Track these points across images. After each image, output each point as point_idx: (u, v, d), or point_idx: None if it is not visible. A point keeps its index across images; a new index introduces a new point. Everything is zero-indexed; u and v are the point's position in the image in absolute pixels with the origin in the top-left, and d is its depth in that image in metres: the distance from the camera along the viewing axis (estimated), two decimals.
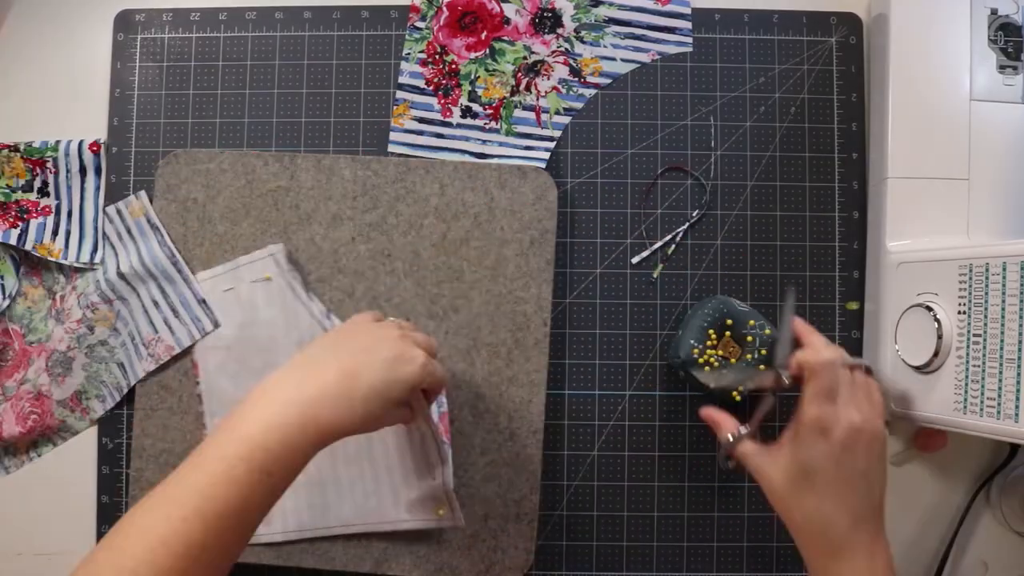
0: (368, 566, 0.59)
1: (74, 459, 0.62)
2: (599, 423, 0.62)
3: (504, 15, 0.63)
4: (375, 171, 0.61)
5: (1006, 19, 0.58)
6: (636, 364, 0.62)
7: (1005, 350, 0.46)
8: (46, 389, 0.61)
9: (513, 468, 0.59)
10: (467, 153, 0.63)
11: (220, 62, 0.64)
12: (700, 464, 0.62)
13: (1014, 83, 0.58)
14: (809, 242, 0.63)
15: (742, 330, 0.58)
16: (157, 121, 0.63)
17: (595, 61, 0.63)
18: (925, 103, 0.58)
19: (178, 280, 0.60)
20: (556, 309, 0.62)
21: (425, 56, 0.63)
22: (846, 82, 0.63)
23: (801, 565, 0.61)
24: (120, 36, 0.64)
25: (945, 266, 0.52)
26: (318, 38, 0.64)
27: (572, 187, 0.63)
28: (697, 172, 0.63)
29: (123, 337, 0.61)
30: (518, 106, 0.63)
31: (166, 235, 0.61)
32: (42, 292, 0.63)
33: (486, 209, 0.61)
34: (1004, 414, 0.46)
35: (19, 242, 0.61)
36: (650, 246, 0.63)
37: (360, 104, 0.63)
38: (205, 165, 0.61)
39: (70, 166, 0.62)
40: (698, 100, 0.63)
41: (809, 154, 0.63)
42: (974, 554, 0.61)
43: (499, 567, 0.59)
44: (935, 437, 0.60)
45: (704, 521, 0.61)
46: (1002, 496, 0.60)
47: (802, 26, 0.64)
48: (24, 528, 0.62)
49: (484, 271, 0.60)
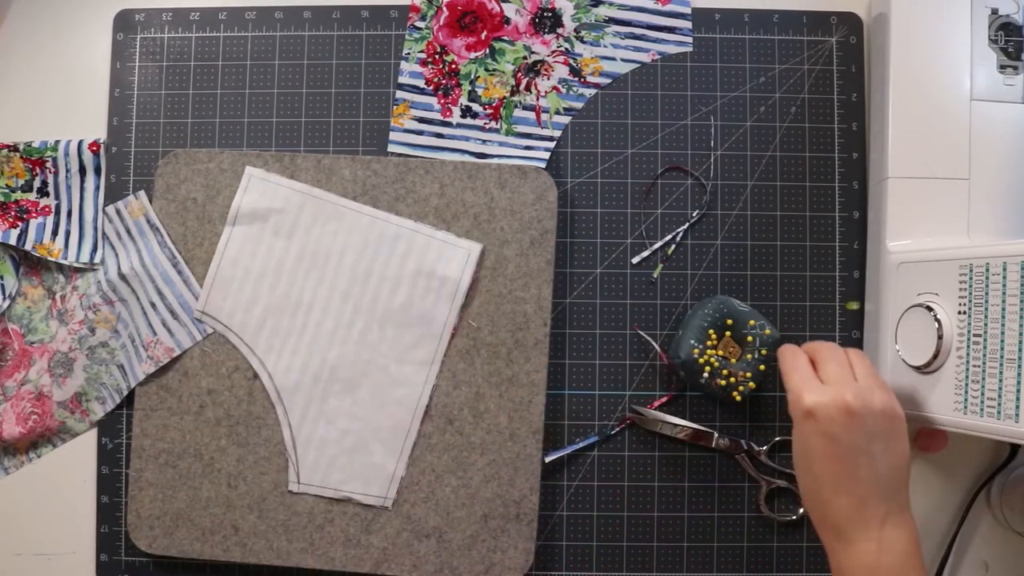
0: (368, 566, 0.59)
1: (74, 459, 0.62)
2: (599, 423, 0.62)
3: (504, 15, 0.63)
4: (375, 171, 0.61)
5: (1006, 19, 0.58)
6: (636, 364, 0.62)
7: (1005, 350, 0.46)
8: (47, 390, 0.61)
9: (513, 468, 0.59)
10: (467, 153, 0.63)
11: (220, 62, 0.64)
12: (700, 464, 0.62)
13: (1014, 83, 0.58)
14: (809, 242, 0.63)
15: (742, 330, 0.58)
16: (157, 121, 0.63)
17: (595, 61, 0.63)
18: (925, 103, 0.58)
19: (177, 282, 0.60)
20: (556, 309, 0.62)
21: (425, 56, 0.63)
22: (846, 82, 0.63)
23: (801, 565, 0.62)
24: (120, 36, 0.64)
25: (945, 266, 0.51)
26: (318, 38, 0.64)
27: (572, 187, 0.63)
28: (697, 172, 0.63)
29: (123, 339, 0.61)
30: (518, 106, 0.63)
31: (166, 235, 0.61)
32: (42, 292, 0.63)
33: (486, 209, 0.61)
34: (1004, 414, 0.46)
35: (19, 242, 0.61)
36: (650, 246, 0.63)
37: (360, 104, 0.63)
38: (205, 165, 0.61)
39: (70, 166, 0.62)
40: (698, 100, 0.63)
41: (809, 154, 0.63)
42: (974, 554, 0.61)
43: (499, 567, 0.59)
44: (935, 437, 0.60)
45: (704, 521, 0.61)
46: (1002, 496, 0.60)
47: (802, 26, 0.64)
48: (24, 528, 0.62)
49: (484, 271, 0.60)
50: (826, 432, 0.44)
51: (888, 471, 0.44)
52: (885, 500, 0.44)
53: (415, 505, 0.60)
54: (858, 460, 0.44)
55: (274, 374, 0.60)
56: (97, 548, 0.61)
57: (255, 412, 0.60)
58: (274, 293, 0.60)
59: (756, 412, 0.62)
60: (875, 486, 0.44)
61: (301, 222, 0.60)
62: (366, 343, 0.60)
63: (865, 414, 0.44)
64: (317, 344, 0.60)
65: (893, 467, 0.45)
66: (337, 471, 0.59)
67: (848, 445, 0.44)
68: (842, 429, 0.43)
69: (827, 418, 0.44)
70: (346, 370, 0.60)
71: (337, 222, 0.60)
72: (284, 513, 0.60)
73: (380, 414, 0.60)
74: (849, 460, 0.44)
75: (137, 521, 0.60)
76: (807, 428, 0.44)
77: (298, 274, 0.60)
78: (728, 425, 0.62)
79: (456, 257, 0.60)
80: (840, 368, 0.46)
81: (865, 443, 0.44)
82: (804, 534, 0.61)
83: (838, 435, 0.44)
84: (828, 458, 0.44)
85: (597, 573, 0.61)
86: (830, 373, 0.46)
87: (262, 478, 0.60)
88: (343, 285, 0.60)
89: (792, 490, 0.61)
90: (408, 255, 0.60)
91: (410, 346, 0.60)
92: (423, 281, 0.60)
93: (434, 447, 0.60)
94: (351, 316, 0.60)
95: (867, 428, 0.44)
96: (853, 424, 0.44)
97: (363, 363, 0.60)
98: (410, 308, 0.60)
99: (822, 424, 0.44)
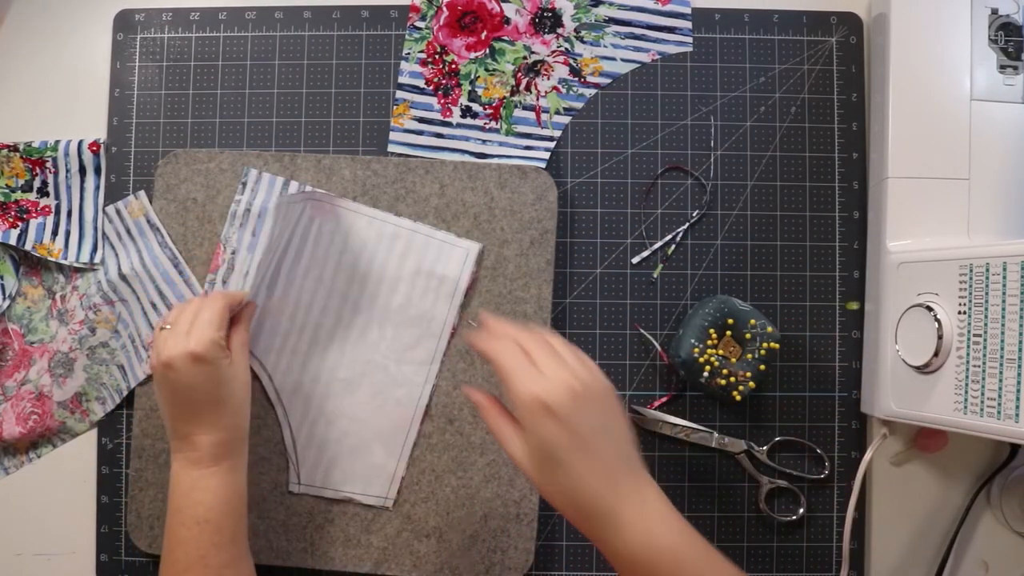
0: (368, 566, 0.59)
1: (74, 459, 0.62)
2: None
3: (504, 15, 0.63)
4: (375, 171, 0.61)
5: (1006, 19, 0.58)
6: (636, 364, 0.62)
7: (1005, 350, 0.46)
8: (47, 390, 0.61)
9: (513, 468, 0.59)
10: (467, 153, 0.63)
11: (220, 62, 0.64)
12: (700, 464, 0.62)
13: (1014, 83, 0.58)
14: (809, 242, 0.63)
15: (743, 329, 0.58)
16: (157, 121, 0.63)
17: (595, 61, 0.63)
18: (925, 103, 0.58)
19: (178, 282, 0.60)
20: (556, 309, 0.62)
21: (425, 56, 0.63)
22: (846, 82, 0.63)
23: (801, 565, 0.61)
24: (120, 36, 0.64)
25: (945, 266, 0.51)
26: (318, 38, 0.64)
27: (572, 187, 0.63)
28: (697, 172, 0.63)
29: (123, 339, 0.61)
30: (518, 106, 0.63)
31: (166, 236, 0.61)
32: (42, 292, 0.62)
33: (486, 209, 0.61)
34: (1004, 414, 0.46)
35: (19, 242, 0.61)
36: (650, 246, 0.63)
37: (360, 104, 0.63)
38: (205, 165, 0.61)
39: (70, 166, 0.62)
40: (698, 100, 0.63)
41: (809, 154, 0.63)
42: (974, 554, 0.61)
43: (499, 567, 0.59)
44: (935, 437, 0.60)
45: (704, 521, 0.61)
46: (1002, 496, 0.60)
47: (802, 26, 0.64)
48: (24, 528, 0.62)
49: (484, 271, 0.60)
50: (566, 424, 0.42)
51: (621, 442, 0.44)
52: (631, 469, 0.44)
53: (415, 505, 0.60)
54: (599, 441, 0.43)
55: (273, 375, 0.60)
56: (97, 548, 0.61)
57: (255, 412, 0.60)
58: (273, 293, 0.60)
59: (756, 412, 0.62)
60: (619, 460, 0.43)
61: (300, 222, 0.60)
62: (365, 343, 0.60)
63: (588, 394, 0.43)
64: (316, 344, 0.60)
65: (623, 437, 0.44)
66: (338, 472, 0.59)
67: (588, 430, 0.42)
68: (578, 415, 0.42)
69: (563, 409, 0.42)
70: (345, 370, 0.60)
71: (336, 222, 0.60)
72: (284, 513, 0.60)
73: (380, 414, 0.60)
74: (592, 445, 0.42)
75: (137, 521, 0.60)
76: (548, 425, 0.42)
77: (297, 274, 0.60)
78: (728, 425, 0.62)
79: (455, 256, 0.60)
80: (551, 355, 0.44)
81: (599, 422, 0.43)
82: (804, 534, 0.61)
83: (577, 423, 0.42)
84: (575, 449, 0.42)
85: (597, 573, 0.61)
86: (545, 362, 0.43)
87: (261, 478, 0.60)
88: (342, 285, 0.60)
89: (793, 490, 0.61)
90: (407, 255, 0.60)
91: (409, 346, 0.60)
92: (422, 281, 0.60)
93: (434, 447, 0.60)
94: (350, 316, 0.60)
95: (594, 407, 0.43)
96: (583, 407, 0.42)
97: (362, 363, 0.60)
98: (409, 308, 0.60)
99: (560, 416, 0.42)
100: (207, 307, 0.52)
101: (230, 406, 0.52)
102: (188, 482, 0.50)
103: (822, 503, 0.61)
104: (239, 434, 0.53)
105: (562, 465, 0.42)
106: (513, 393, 0.43)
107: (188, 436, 0.51)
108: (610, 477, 0.43)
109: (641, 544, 0.42)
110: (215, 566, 0.49)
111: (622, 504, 0.42)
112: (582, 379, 0.43)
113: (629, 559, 0.42)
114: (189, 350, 0.49)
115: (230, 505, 0.51)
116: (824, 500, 0.61)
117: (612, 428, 0.44)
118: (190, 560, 0.49)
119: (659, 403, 0.61)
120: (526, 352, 0.44)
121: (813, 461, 0.62)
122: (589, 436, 0.42)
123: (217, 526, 0.49)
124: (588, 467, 0.42)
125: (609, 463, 0.43)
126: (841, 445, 0.61)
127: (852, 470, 0.60)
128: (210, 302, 0.52)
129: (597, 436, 0.43)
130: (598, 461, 0.42)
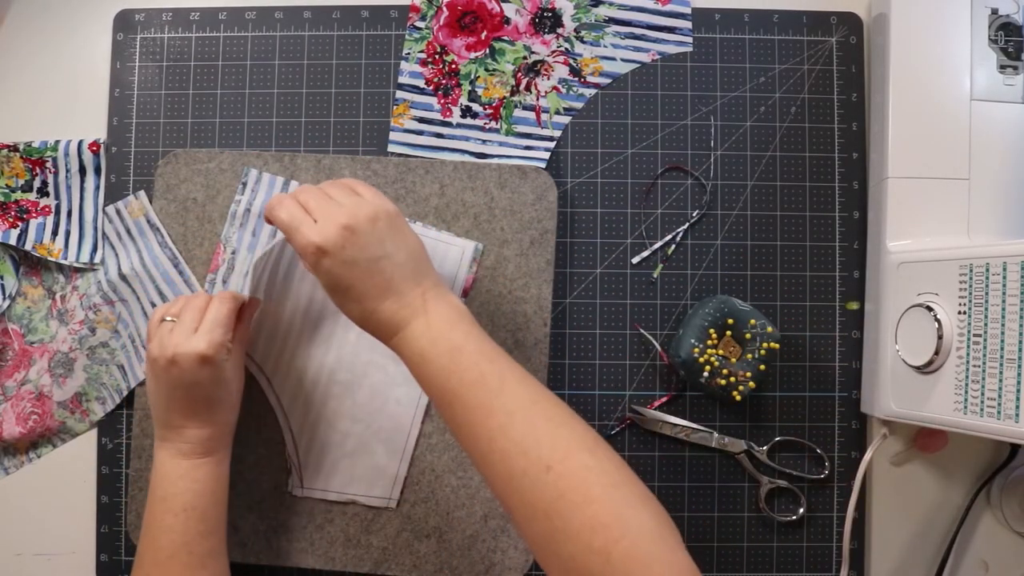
0: (368, 566, 0.59)
1: (74, 459, 0.62)
2: (599, 423, 0.62)
3: (504, 15, 0.63)
4: (375, 171, 0.61)
5: (1006, 19, 0.58)
6: (636, 364, 0.62)
7: (1005, 350, 0.46)
8: (47, 390, 0.61)
9: None
10: (467, 153, 0.63)
11: (220, 62, 0.64)
12: (700, 464, 0.62)
13: (1014, 83, 0.58)
14: (809, 242, 0.63)
15: (743, 329, 0.58)
16: (157, 121, 0.63)
17: (595, 61, 0.63)
18: (925, 103, 0.58)
19: (178, 282, 0.60)
20: (556, 309, 0.62)
21: (425, 56, 0.63)
22: (846, 82, 0.63)
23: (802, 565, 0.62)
24: (120, 36, 0.64)
25: (945, 266, 0.52)
26: (318, 38, 0.64)
27: (572, 187, 0.63)
28: (697, 172, 0.63)
29: (124, 339, 0.61)
30: (518, 106, 0.63)
31: (167, 236, 0.61)
32: (42, 292, 0.63)
33: (486, 209, 0.61)
34: (1004, 414, 0.46)
35: (19, 242, 0.61)
36: (650, 246, 0.63)
37: (360, 104, 0.63)
38: (205, 165, 0.61)
39: (70, 166, 0.62)
40: (698, 100, 0.63)
41: (809, 154, 0.63)
42: (974, 554, 0.61)
43: (499, 567, 0.59)
44: (935, 437, 0.60)
45: (704, 521, 0.61)
46: (1002, 496, 0.60)
47: (802, 26, 0.64)
48: (24, 528, 0.62)
49: (484, 271, 0.60)
50: (344, 260, 0.46)
51: (408, 259, 0.48)
52: (418, 282, 0.48)
53: (415, 505, 0.60)
54: (381, 265, 0.47)
55: (272, 378, 0.60)
56: (97, 548, 0.61)
57: (255, 412, 0.60)
58: (271, 296, 0.60)
59: (756, 412, 0.62)
60: (403, 278, 0.47)
61: None
62: (364, 344, 0.60)
63: (363, 227, 0.47)
64: (315, 347, 0.60)
65: (411, 255, 0.48)
66: (340, 474, 0.59)
67: (366, 258, 0.46)
68: (352, 248, 0.46)
69: (337, 247, 0.46)
70: (345, 372, 0.60)
71: None
72: (284, 513, 0.60)
73: (380, 415, 0.60)
74: (375, 269, 0.47)
75: (137, 521, 0.60)
76: (325, 264, 0.46)
77: (294, 276, 0.60)
78: (728, 425, 0.62)
79: (451, 255, 0.60)
80: (324, 201, 0.48)
81: (378, 248, 0.47)
82: (804, 534, 0.61)
83: (352, 255, 0.46)
84: (357, 278, 0.46)
85: None
86: (319, 209, 0.48)
87: (262, 478, 0.60)
88: None
89: (793, 490, 0.61)
90: None
91: None
92: None
93: (434, 447, 0.60)
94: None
95: (372, 236, 0.47)
96: (358, 240, 0.46)
97: (362, 364, 0.60)
98: None
99: (334, 254, 0.46)
100: (216, 307, 0.52)
101: (226, 404, 0.53)
102: (177, 471, 0.51)
103: (822, 503, 0.61)
104: (229, 429, 0.54)
105: (348, 293, 0.47)
106: (295, 246, 0.48)
107: (180, 428, 0.51)
108: (395, 292, 0.47)
109: (426, 346, 0.46)
110: (199, 554, 0.50)
111: (410, 315, 0.47)
112: (353, 215, 0.47)
113: (418, 362, 0.46)
114: (199, 351, 0.49)
115: (215, 496, 0.52)
116: (824, 500, 0.61)
117: (395, 250, 0.48)
118: (175, 547, 0.50)
119: (659, 403, 0.61)
120: (303, 206, 0.48)
121: (813, 461, 0.62)
122: (367, 262, 0.46)
123: (203, 514, 0.51)
124: (371, 289, 0.47)
125: (394, 280, 0.47)
126: (841, 445, 0.62)
127: (852, 470, 0.60)
128: (219, 302, 0.52)
129: (377, 260, 0.47)
130: (380, 281, 0.47)
